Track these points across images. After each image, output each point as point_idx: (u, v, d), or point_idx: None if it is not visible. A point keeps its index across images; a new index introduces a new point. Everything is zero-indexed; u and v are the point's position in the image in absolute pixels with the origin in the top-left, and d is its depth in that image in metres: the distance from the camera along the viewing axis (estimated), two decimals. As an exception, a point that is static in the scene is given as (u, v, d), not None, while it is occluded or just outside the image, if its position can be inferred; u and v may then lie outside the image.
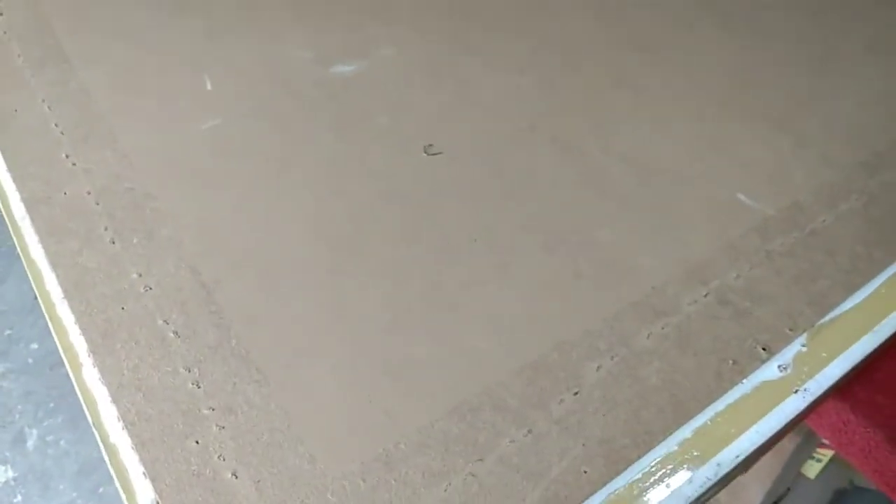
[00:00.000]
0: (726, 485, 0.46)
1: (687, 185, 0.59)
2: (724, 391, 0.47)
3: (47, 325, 1.67)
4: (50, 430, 1.41)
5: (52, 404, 1.44)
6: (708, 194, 0.58)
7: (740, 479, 1.10)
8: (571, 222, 0.56)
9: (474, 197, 0.58)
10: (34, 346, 1.53)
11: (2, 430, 1.41)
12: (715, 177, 0.60)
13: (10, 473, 1.36)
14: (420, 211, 0.57)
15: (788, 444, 0.97)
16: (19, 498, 1.34)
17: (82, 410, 1.64)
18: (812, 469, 1.16)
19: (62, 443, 1.40)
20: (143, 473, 0.43)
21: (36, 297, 1.63)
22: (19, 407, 1.45)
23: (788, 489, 1.16)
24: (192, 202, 0.57)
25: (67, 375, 1.57)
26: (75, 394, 1.59)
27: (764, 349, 0.49)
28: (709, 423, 0.46)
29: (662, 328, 0.50)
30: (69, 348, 0.50)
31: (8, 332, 1.56)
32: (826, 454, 1.13)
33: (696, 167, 0.61)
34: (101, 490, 1.34)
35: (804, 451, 1.02)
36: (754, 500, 1.05)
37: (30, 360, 1.51)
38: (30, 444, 1.40)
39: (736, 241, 0.55)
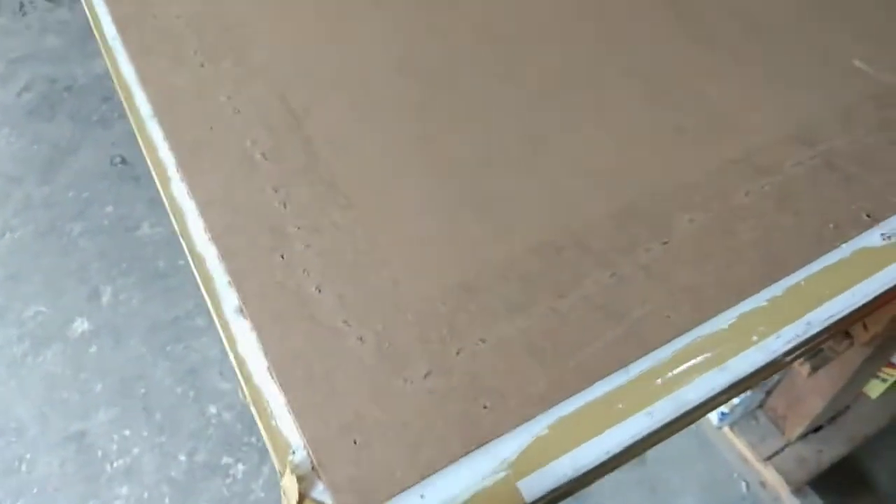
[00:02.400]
0: (813, 351, 0.45)
1: (800, 44, 0.55)
2: (823, 253, 0.45)
3: (121, 191, 1.72)
4: (123, 288, 1.48)
5: (125, 265, 1.51)
6: (822, 56, 0.55)
7: (801, 390, 1.08)
8: (675, 73, 0.53)
9: (572, 41, 0.55)
10: (109, 208, 1.59)
11: (79, 285, 1.49)
12: (830, 39, 0.56)
13: (86, 325, 1.44)
14: (514, 52, 0.55)
15: (855, 359, 0.95)
16: (94, 349, 1.41)
17: (153, 272, 1.69)
18: (875, 389, 1.13)
19: (134, 301, 1.46)
20: (229, 282, 0.44)
21: (112, 163, 1.67)
22: (95, 265, 1.51)
23: (848, 407, 1.14)
24: (282, 31, 0.56)
25: (141, 238, 1.62)
26: (147, 256, 1.64)
27: (868, 216, 0.46)
28: (802, 283, 0.44)
29: (763, 187, 0.47)
30: (158, 164, 0.50)
31: (85, 194, 1.61)
32: (893, 374, 1.10)
33: (810, 27, 0.56)
34: (168, 348, 1.40)
35: (869, 369, 0.99)
36: (813, 413, 1.04)
37: (105, 222, 1.56)
38: (104, 300, 1.47)
39: (849, 106, 0.51)
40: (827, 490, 1.11)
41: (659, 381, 0.40)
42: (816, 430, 1.12)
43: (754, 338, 0.42)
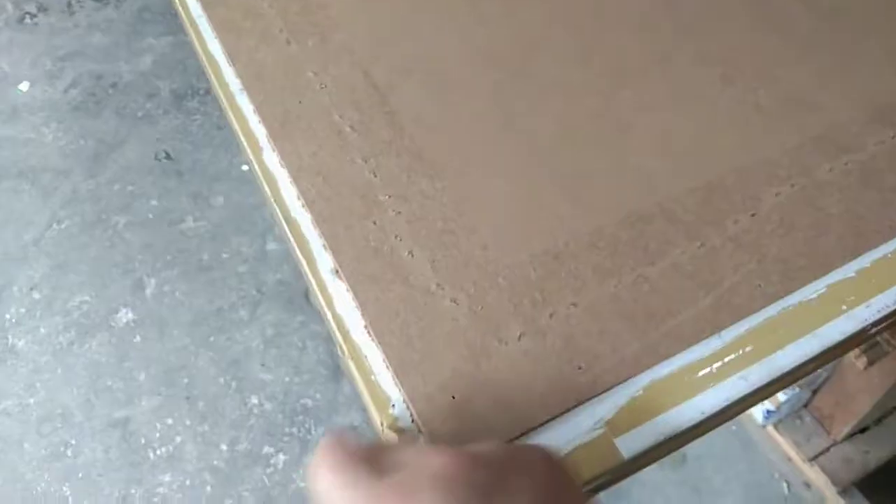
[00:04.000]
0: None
1: (872, 27, 0.56)
2: (909, 228, 0.45)
3: (165, 185, 1.75)
4: (167, 280, 1.50)
5: (168, 257, 1.53)
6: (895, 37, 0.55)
7: (850, 388, 1.07)
8: (748, 58, 0.54)
9: (648, 28, 0.56)
10: (153, 202, 1.61)
11: (124, 276, 1.51)
12: (904, 24, 0.56)
13: (131, 316, 1.46)
14: (590, 37, 0.56)
15: (906, 358, 0.94)
16: (138, 338, 1.44)
17: (197, 265, 1.73)
18: (923, 390, 1.12)
19: (177, 293, 1.49)
20: (324, 245, 0.46)
21: (156, 158, 1.70)
22: (139, 257, 1.54)
23: (895, 408, 1.14)
24: (363, 12, 0.58)
25: (185, 232, 1.65)
26: (191, 249, 1.67)
27: (953, 193, 0.47)
28: (889, 255, 0.44)
29: (846, 164, 0.48)
30: (248, 134, 0.52)
31: (130, 188, 1.64)
32: (943, 375, 1.09)
33: (881, 9, 0.57)
34: (211, 339, 1.42)
35: (920, 368, 0.98)
36: (861, 412, 1.03)
37: (150, 215, 1.59)
38: (148, 291, 1.49)
39: (928, 89, 0.52)
40: (874, 491, 1.10)
41: (751, 347, 0.41)
42: (863, 430, 1.12)
43: (843, 307, 0.42)
